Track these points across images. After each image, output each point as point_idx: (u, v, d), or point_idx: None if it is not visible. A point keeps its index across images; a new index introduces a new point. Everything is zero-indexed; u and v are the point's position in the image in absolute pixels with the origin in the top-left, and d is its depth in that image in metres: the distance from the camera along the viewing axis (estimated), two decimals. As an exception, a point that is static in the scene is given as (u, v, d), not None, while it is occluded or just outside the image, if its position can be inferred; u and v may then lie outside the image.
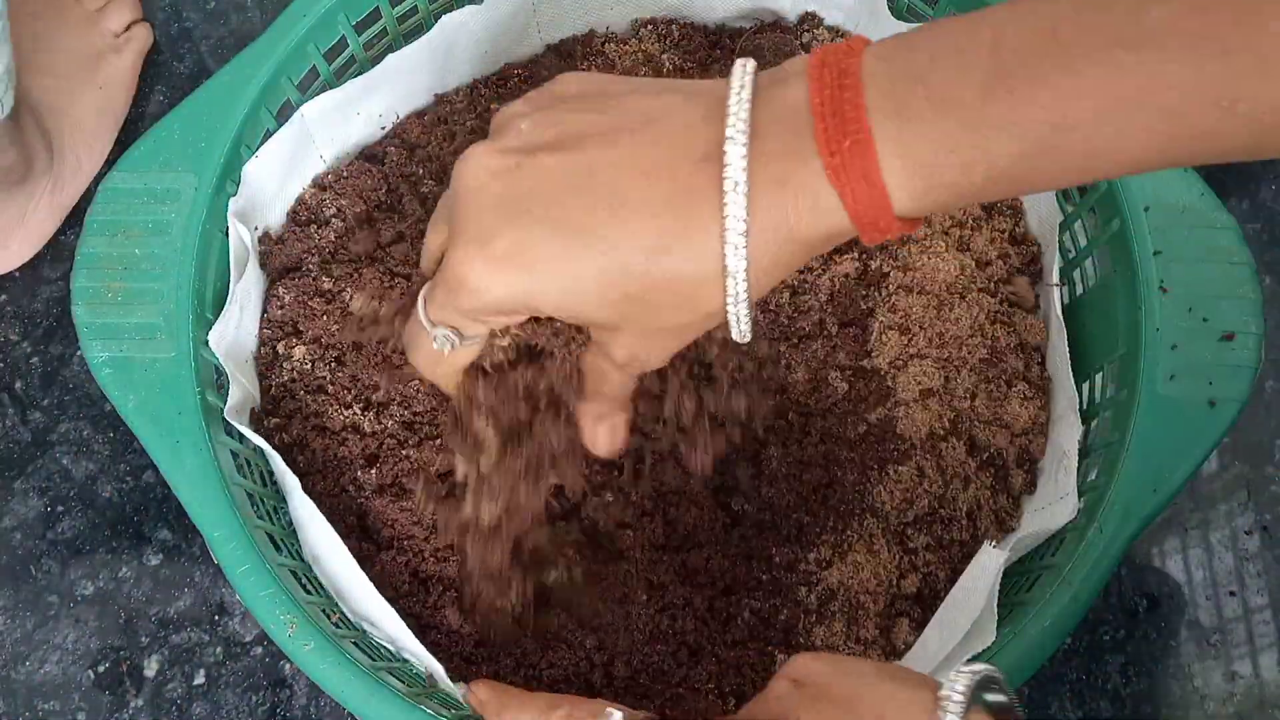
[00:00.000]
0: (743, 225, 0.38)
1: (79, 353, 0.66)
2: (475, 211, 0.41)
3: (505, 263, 0.40)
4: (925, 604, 0.54)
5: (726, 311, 0.40)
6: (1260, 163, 0.68)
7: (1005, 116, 0.35)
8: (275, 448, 0.52)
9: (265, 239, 0.59)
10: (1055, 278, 0.58)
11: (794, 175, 0.37)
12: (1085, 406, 0.56)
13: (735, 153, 0.38)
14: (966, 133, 0.35)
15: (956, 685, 0.37)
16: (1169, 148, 0.35)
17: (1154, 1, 0.33)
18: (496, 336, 0.44)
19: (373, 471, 0.54)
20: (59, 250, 0.69)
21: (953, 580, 0.53)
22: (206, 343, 0.53)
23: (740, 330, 0.41)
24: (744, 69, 0.39)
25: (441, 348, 0.44)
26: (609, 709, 0.45)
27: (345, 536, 0.50)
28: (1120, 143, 0.35)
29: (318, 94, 0.60)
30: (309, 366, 0.56)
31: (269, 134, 0.58)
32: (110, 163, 0.66)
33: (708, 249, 0.39)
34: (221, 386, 0.54)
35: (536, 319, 0.44)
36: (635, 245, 0.39)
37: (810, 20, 0.65)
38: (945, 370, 0.57)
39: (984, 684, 0.38)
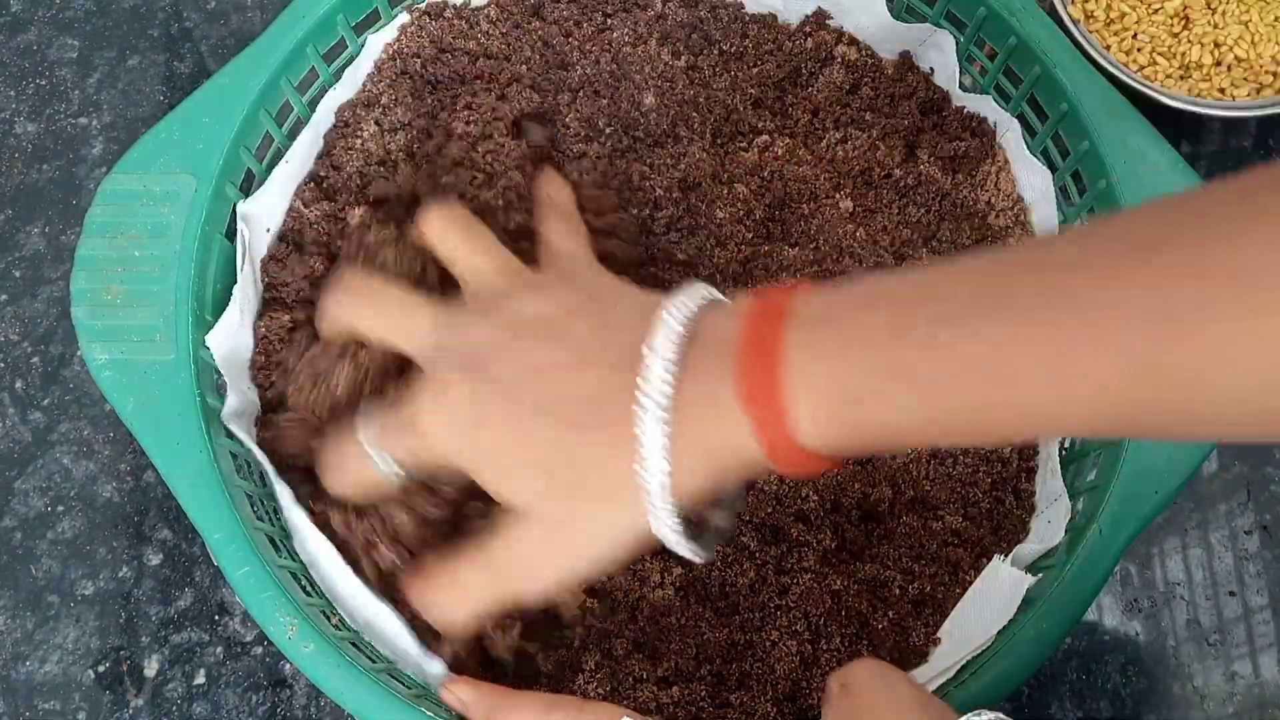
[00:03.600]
0: (662, 441, 0.39)
1: (79, 353, 0.66)
2: (445, 365, 0.45)
3: (453, 418, 0.44)
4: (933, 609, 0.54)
5: (651, 522, 0.41)
6: (1260, 162, 0.68)
7: (908, 368, 0.36)
8: (268, 454, 0.52)
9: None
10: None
11: (716, 399, 0.39)
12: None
13: (657, 373, 0.40)
14: (869, 375, 0.37)
15: None
16: (1090, 417, 0.35)
17: (1077, 268, 0.34)
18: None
19: None
20: (59, 250, 0.69)
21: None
22: (206, 344, 0.53)
23: (678, 548, 0.42)
24: (691, 297, 0.42)
25: (384, 474, 0.47)
26: (624, 716, 0.45)
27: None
28: (1033, 402, 0.35)
29: (317, 95, 0.60)
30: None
31: (268, 137, 0.58)
32: (110, 164, 0.66)
33: (624, 457, 0.40)
34: (221, 389, 0.54)
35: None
36: (569, 417, 0.42)
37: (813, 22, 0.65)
38: None
39: None
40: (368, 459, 0.47)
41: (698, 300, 0.42)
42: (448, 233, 0.50)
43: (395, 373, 0.52)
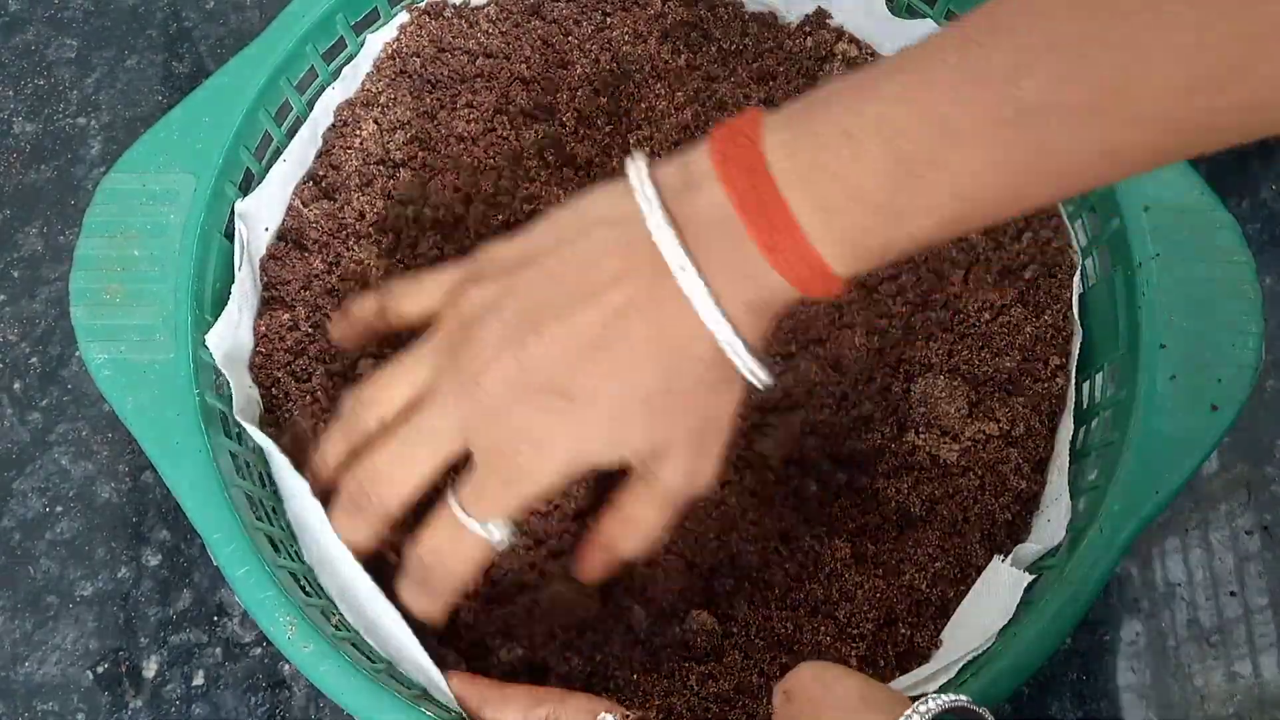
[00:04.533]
0: (704, 289, 0.40)
1: (78, 353, 0.66)
2: (500, 417, 0.43)
3: (543, 443, 0.43)
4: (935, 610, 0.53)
5: (735, 366, 0.42)
6: (1260, 162, 0.68)
7: (914, 202, 0.37)
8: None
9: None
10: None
11: (742, 266, 0.40)
12: (1085, 407, 0.56)
13: (667, 241, 0.40)
14: (882, 218, 0.38)
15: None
16: (1063, 190, 0.38)
17: (1024, 75, 0.35)
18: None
19: None
20: (58, 251, 0.69)
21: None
22: (205, 344, 0.53)
23: (759, 379, 0.43)
24: (639, 172, 0.42)
25: (499, 542, 0.46)
26: (603, 713, 0.45)
27: None
28: (1023, 201, 0.38)
29: (317, 94, 0.60)
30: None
31: (268, 136, 0.58)
32: (108, 164, 0.66)
33: (694, 342, 0.41)
34: (221, 389, 0.54)
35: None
36: (633, 366, 0.42)
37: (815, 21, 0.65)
38: None
39: (959, 714, 0.38)
40: (467, 534, 0.46)
41: (645, 169, 0.42)
42: (409, 291, 0.50)
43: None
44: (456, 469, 0.46)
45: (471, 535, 0.46)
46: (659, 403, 0.42)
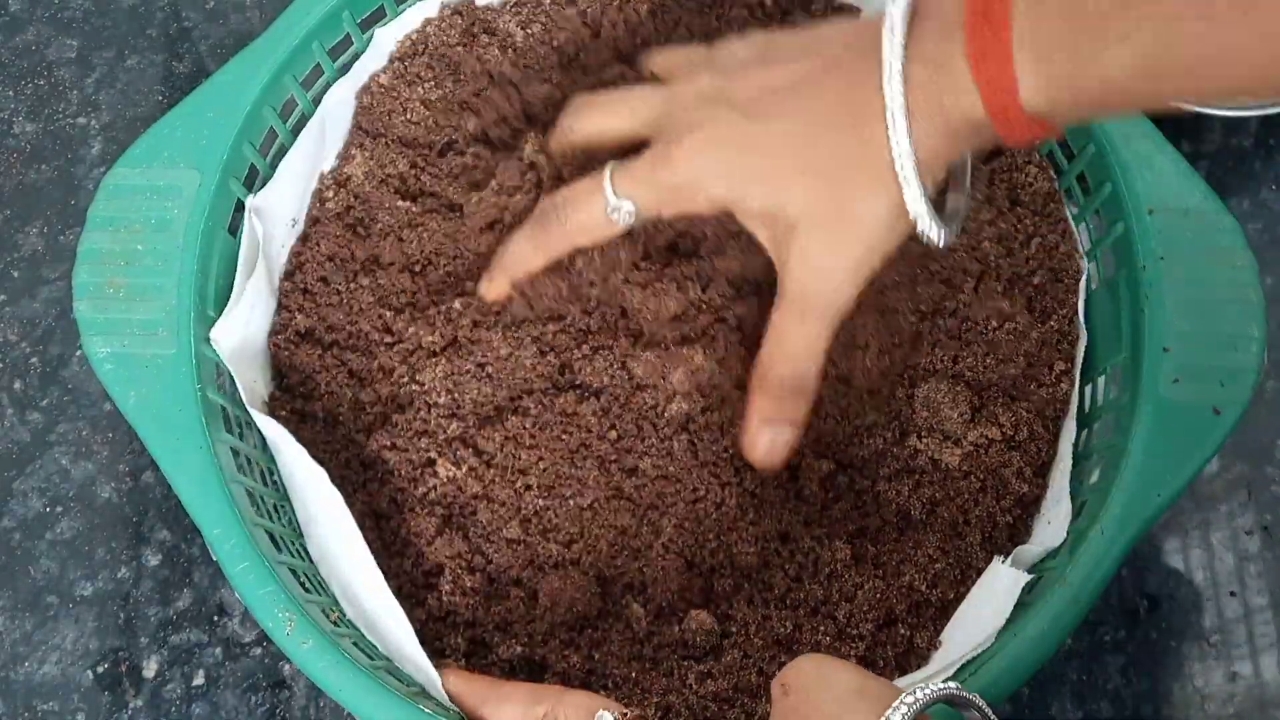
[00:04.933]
0: (901, 100, 0.43)
1: (78, 353, 0.66)
2: (681, 110, 0.49)
3: (708, 143, 0.48)
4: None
5: (904, 194, 0.45)
6: (1260, 162, 0.68)
7: (1120, 29, 0.39)
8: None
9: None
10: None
11: (944, 60, 0.42)
12: (1088, 409, 0.56)
13: (893, 41, 0.43)
14: (1088, 38, 0.40)
15: (898, 710, 0.37)
16: (1271, 67, 0.38)
17: None
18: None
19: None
20: (59, 250, 0.69)
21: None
22: (208, 339, 0.53)
23: (926, 224, 0.46)
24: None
25: (618, 219, 0.51)
26: (601, 710, 0.45)
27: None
28: (1223, 57, 0.38)
29: (322, 91, 0.60)
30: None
31: (272, 132, 0.58)
32: (108, 164, 0.66)
33: (875, 125, 0.44)
34: (222, 385, 0.54)
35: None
36: (814, 120, 0.46)
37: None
38: None
39: (948, 701, 0.38)
40: (604, 201, 0.51)
41: None
42: (593, 110, 0.55)
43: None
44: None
45: (603, 199, 0.51)
46: (816, 169, 0.46)
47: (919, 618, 0.52)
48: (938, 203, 0.47)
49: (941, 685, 0.38)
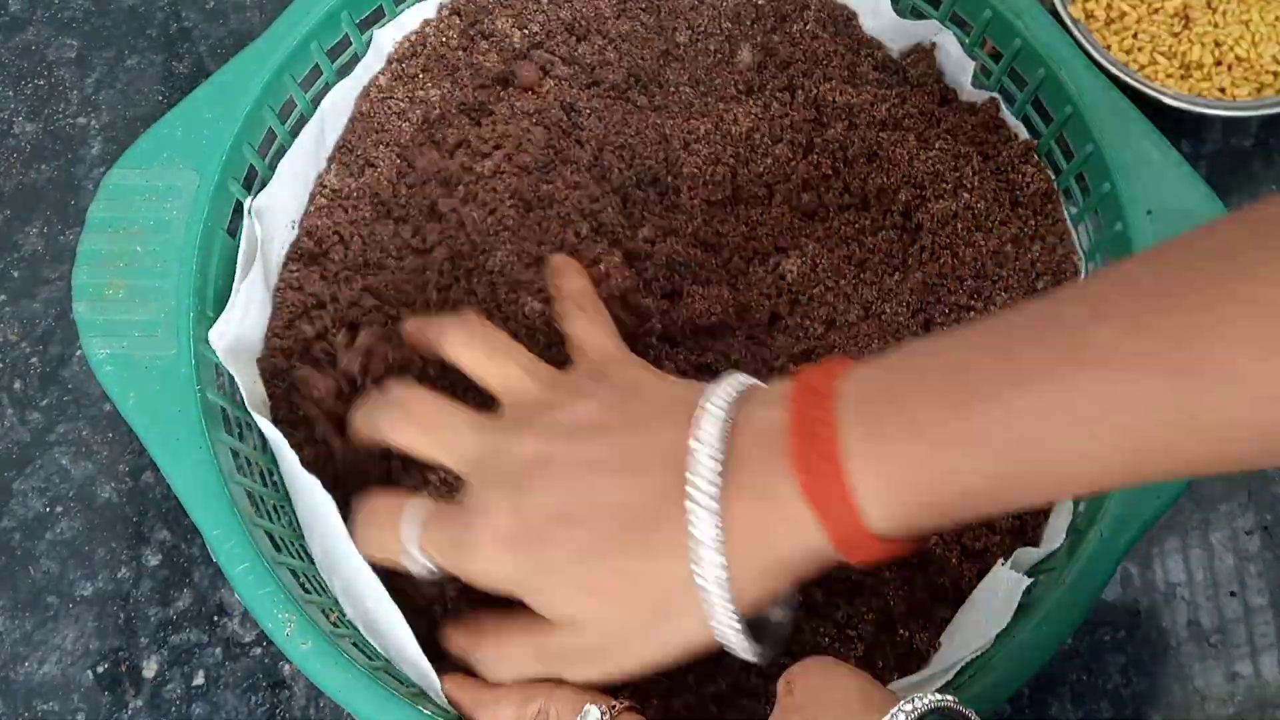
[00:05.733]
0: (715, 533, 0.39)
1: (78, 353, 0.66)
2: (495, 473, 0.46)
3: (510, 544, 0.44)
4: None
5: (711, 623, 0.41)
6: (1260, 162, 0.68)
7: (970, 436, 0.36)
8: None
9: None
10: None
11: (770, 491, 0.39)
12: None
13: (707, 466, 0.40)
14: (936, 452, 0.37)
15: (895, 717, 0.37)
16: (1138, 464, 0.35)
17: (1098, 320, 0.34)
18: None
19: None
20: (58, 251, 0.69)
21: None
22: (207, 340, 0.53)
23: (743, 647, 0.42)
24: (730, 385, 0.42)
25: (416, 572, 0.48)
26: (587, 705, 0.45)
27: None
28: (1086, 460, 0.35)
29: (321, 91, 0.60)
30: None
31: (271, 133, 0.58)
32: (108, 164, 0.66)
33: (678, 561, 0.41)
34: (222, 386, 0.54)
35: None
36: (618, 541, 0.42)
37: None
38: None
39: (944, 715, 0.38)
40: (404, 554, 0.47)
41: (737, 388, 0.42)
42: (471, 348, 0.50)
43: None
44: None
45: (400, 544, 0.47)
46: (610, 592, 0.43)
47: (919, 619, 0.52)
48: (757, 620, 0.44)
49: (938, 697, 0.38)
